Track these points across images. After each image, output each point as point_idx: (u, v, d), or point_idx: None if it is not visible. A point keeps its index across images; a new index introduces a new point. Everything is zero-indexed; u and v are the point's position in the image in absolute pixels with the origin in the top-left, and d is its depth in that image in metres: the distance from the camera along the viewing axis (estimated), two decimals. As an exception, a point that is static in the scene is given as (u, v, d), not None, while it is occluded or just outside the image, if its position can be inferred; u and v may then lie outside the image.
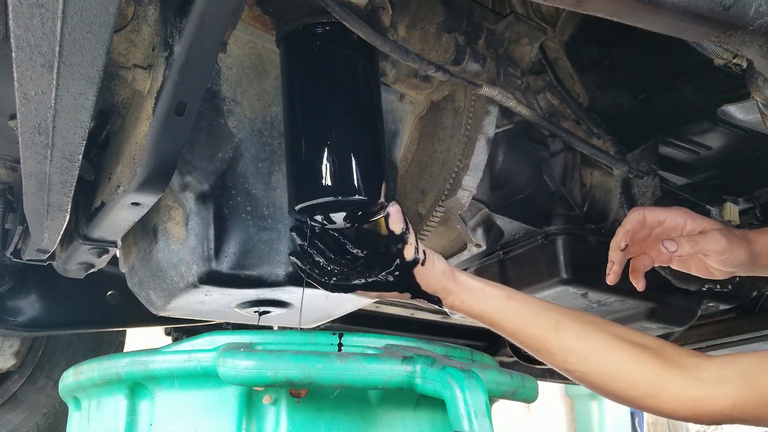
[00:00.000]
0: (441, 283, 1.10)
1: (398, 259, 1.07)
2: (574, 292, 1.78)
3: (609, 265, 1.24)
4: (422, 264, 1.08)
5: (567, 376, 1.10)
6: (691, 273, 1.28)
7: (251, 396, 0.97)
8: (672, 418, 1.06)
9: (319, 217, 1.08)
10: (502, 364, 1.29)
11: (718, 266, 1.23)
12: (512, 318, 1.09)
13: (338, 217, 1.09)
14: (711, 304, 2.13)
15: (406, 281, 1.08)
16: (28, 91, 0.77)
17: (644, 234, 1.26)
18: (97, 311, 2.14)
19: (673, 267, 1.29)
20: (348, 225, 1.11)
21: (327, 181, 1.04)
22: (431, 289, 1.09)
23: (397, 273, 1.07)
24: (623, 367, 1.05)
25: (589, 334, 1.07)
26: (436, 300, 1.10)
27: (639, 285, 1.27)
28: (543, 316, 1.08)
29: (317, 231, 1.09)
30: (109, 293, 2.14)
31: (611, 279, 1.24)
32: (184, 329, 2.47)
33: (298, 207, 1.07)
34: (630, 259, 1.27)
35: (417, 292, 1.09)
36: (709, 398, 1.01)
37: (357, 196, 1.04)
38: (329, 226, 1.11)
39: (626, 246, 1.23)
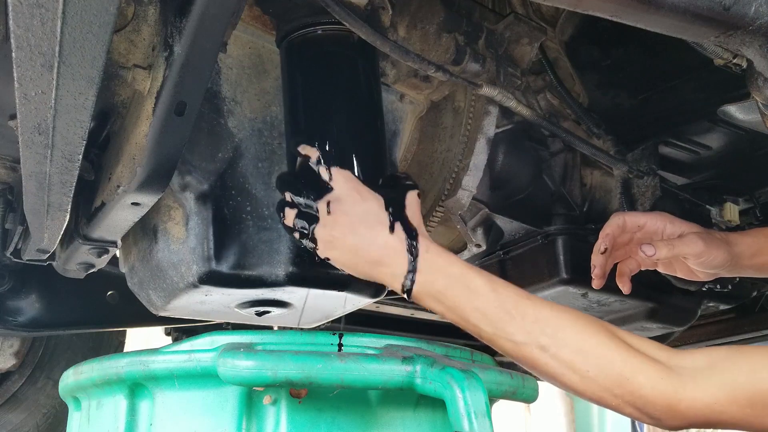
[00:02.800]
0: (420, 217, 1.04)
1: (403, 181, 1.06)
2: (574, 292, 1.78)
3: (592, 269, 1.25)
4: (419, 196, 1.05)
5: (537, 358, 0.97)
6: (677, 275, 1.30)
7: (251, 396, 0.97)
8: (644, 413, 0.96)
9: None
10: (502, 364, 1.29)
11: (698, 268, 1.25)
12: (489, 279, 1.00)
13: None
14: (711, 304, 2.13)
15: (398, 199, 1.03)
16: (28, 91, 0.77)
17: (627, 238, 1.28)
18: (97, 311, 2.14)
19: (660, 270, 1.31)
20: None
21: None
22: (414, 219, 1.02)
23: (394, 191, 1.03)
24: (598, 342, 0.97)
25: (558, 306, 1.00)
26: (414, 235, 0.99)
27: (624, 288, 1.29)
28: (513, 287, 1.01)
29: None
30: (109, 293, 2.14)
31: (596, 283, 1.26)
32: (184, 329, 2.47)
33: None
34: (617, 263, 1.28)
35: (400, 214, 1.01)
36: (688, 391, 0.93)
37: (357, 196, 1.04)
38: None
39: (606, 249, 1.25)
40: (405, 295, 0.99)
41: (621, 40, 1.52)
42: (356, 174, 1.04)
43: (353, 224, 0.99)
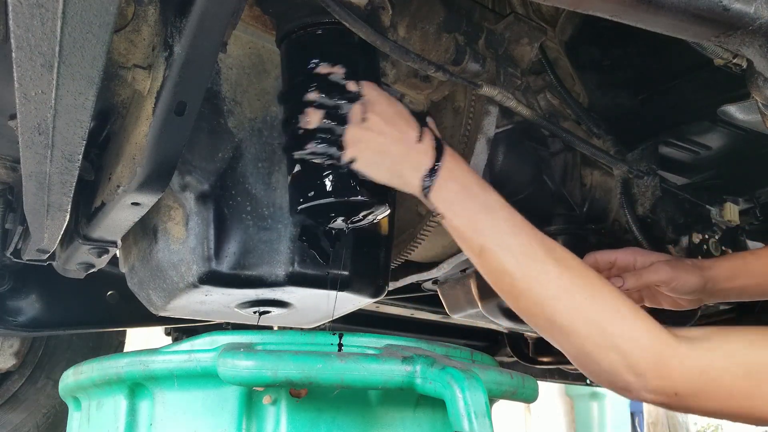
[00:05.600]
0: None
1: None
2: (574, 292, 1.78)
3: None
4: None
5: (533, 278, 0.96)
6: (665, 308, 1.33)
7: (251, 396, 0.97)
8: (628, 364, 0.90)
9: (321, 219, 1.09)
10: (502, 364, 1.29)
11: (672, 294, 1.28)
12: (500, 196, 1.02)
13: (340, 218, 1.09)
14: (711, 304, 2.12)
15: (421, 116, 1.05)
16: (28, 91, 0.78)
17: (603, 276, 1.31)
18: (97, 311, 2.14)
19: (647, 305, 1.33)
20: (350, 226, 1.11)
21: (329, 182, 1.04)
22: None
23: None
24: (603, 282, 0.96)
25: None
26: (439, 141, 1.03)
27: None
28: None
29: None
30: (109, 293, 2.15)
31: None
32: (184, 329, 2.47)
33: (300, 208, 1.07)
34: None
35: (426, 123, 1.04)
36: (684, 350, 0.89)
37: (358, 197, 1.04)
38: (331, 226, 1.11)
39: None
40: (422, 194, 1.01)
41: (621, 40, 1.52)
42: (356, 178, 1.04)
43: (386, 123, 1.00)
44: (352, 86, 1.01)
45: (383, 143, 1.00)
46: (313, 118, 1.00)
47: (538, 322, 0.99)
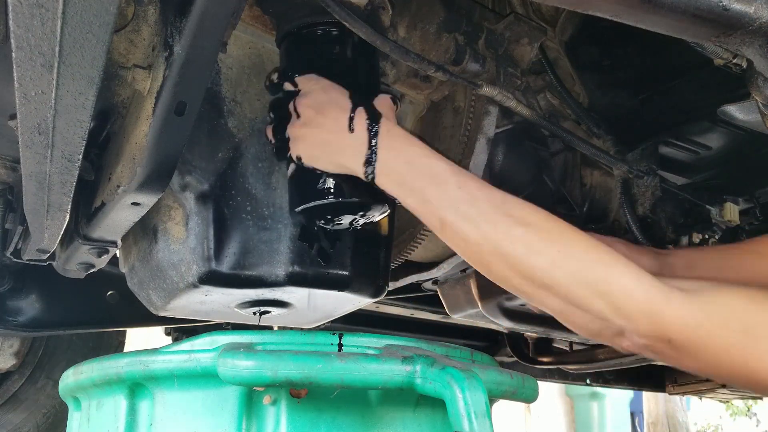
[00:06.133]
0: (393, 117, 1.03)
1: None
2: (574, 292, 1.77)
3: None
4: (394, 101, 1.06)
5: (499, 241, 0.91)
6: None
7: (251, 396, 0.97)
8: (616, 311, 0.86)
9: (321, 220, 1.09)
10: (502, 364, 1.29)
11: None
12: (450, 164, 0.96)
13: (339, 219, 1.09)
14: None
15: (367, 96, 1.01)
16: (28, 91, 0.78)
17: None
18: (97, 311, 2.14)
19: None
20: (349, 227, 1.11)
21: (328, 183, 1.04)
22: (382, 109, 1.00)
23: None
24: (574, 230, 0.91)
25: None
26: (376, 118, 0.97)
27: None
28: (475, 176, 1.00)
29: None
30: (109, 293, 2.15)
31: None
32: (184, 329, 2.47)
33: (299, 209, 1.07)
34: None
35: (365, 101, 0.99)
36: (678, 300, 0.84)
37: (356, 198, 1.04)
38: (331, 227, 1.11)
39: None
40: (369, 180, 0.97)
41: (621, 40, 1.52)
42: (356, 178, 1.03)
43: (318, 114, 0.98)
44: (288, 86, 1.02)
45: (320, 135, 0.98)
46: (268, 133, 1.05)
47: (517, 285, 0.93)
